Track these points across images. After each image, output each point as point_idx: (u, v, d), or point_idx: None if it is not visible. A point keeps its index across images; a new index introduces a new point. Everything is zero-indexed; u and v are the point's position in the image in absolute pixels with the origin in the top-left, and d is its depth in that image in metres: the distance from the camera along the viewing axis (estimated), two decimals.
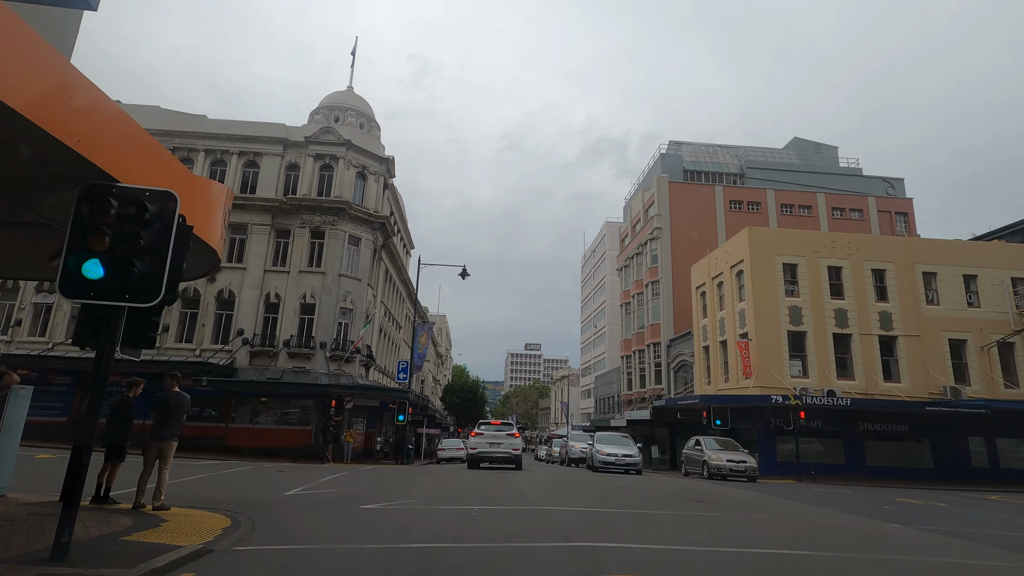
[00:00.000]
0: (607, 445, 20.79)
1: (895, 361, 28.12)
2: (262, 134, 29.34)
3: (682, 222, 42.63)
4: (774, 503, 10.79)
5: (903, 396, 26.59)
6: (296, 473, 14.08)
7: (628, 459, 19.93)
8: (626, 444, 21.40)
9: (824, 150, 50.22)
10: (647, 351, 42.79)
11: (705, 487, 13.95)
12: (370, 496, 9.48)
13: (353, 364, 28.07)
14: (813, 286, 28.62)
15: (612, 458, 19.75)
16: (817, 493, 15.21)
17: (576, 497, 10.36)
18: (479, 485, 12.26)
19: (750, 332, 28.17)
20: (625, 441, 21.88)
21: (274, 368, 26.40)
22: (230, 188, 7.24)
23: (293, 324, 27.02)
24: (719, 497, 11.15)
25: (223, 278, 27.55)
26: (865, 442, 27.50)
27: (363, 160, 29.96)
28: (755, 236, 29.54)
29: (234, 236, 28.45)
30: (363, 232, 29.40)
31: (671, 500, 10.55)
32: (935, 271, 29.29)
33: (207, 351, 26.24)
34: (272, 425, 26.37)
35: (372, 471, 16.21)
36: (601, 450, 20.26)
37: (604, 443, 21.20)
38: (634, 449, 20.93)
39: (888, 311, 28.54)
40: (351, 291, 28.33)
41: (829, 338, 28.01)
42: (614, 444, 21.05)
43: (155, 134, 26.88)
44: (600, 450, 20.30)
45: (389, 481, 12.62)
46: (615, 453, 19.95)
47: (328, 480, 12.29)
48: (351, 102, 31.31)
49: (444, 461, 34.24)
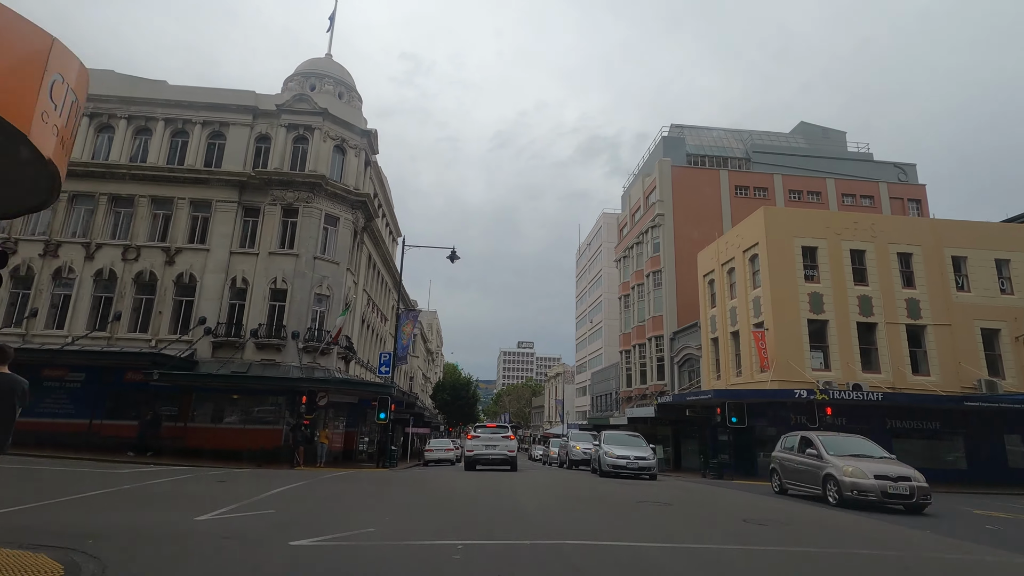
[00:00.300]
0: (617, 446, 18.17)
1: (924, 352, 25.79)
2: (229, 102, 26.46)
3: (685, 208, 40.18)
4: (869, 527, 8.18)
5: (937, 390, 24.24)
6: (241, 484, 11.36)
7: (641, 462, 17.35)
8: (638, 445, 18.80)
9: (832, 135, 48.02)
10: (648, 345, 40.34)
11: (765, 504, 11.13)
12: (314, 523, 6.81)
13: (330, 357, 25.30)
14: (835, 271, 26.22)
15: (624, 461, 17.15)
16: None
17: (596, 519, 7.74)
18: (468, 499, 9.62)
19: (766, 321, 25.72)
20: (636, 441, 19.27)
21: (240, 361, 23.58)
22: (82, 65, 4.16)
23: (262, 312, 24.20)
24: (789, 519, 8.54)
25: (183, 260, 24.67)
26: (893, 441, 25.12)
27: (342, 132, 27.15)
28: (771, 216, 27.10)
29: (196, 214, 25.59)
30: (341, 211, 26.59)
31: (724, 522, 7.98)
32: (965, 255, 27.01)
33: (164, 341, 23.36)
34: (238, 424, 23.55)
35: (342, 479, 13.50)
36: (610, 452, 17.64)
37: (613, 443, 18.57)
38: (647, 450, 18.33)
39: (916, 298, 26.21)
40: (328, 276, 25.54)
41: (853, 327, 25.63)
42: (625, 445, 18.43)
43: (109, 101, 23.96)
44: (609, 452, 17.68)
45: (354, 494, 9.93)
46: (627, 455, 17.34)
47: (275, 494, 9.59)
48: (329, 69, 28.45)
49: (432, 463, 31.57)
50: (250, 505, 8.18)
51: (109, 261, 24.38)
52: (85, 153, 25.66)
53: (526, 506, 8.90)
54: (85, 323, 23.72)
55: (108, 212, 25.14)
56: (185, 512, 7.47)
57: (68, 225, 24.95)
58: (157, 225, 25.39)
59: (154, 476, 12.46)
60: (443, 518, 7.43)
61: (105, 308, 24.21)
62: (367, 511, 7.98)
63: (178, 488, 10.37)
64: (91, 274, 24.24)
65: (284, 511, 7.68)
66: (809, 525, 7.80)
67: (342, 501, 8.88)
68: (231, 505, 8.11)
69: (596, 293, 70.29)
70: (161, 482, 11.13)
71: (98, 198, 25.07)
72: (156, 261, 24.54)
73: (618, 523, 7.56)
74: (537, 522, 7.34)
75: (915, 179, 44.49)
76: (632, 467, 17.10)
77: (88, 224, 24.92)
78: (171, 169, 25.42)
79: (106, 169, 25.08)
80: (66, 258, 24.25)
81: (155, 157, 25.75)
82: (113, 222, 25.24)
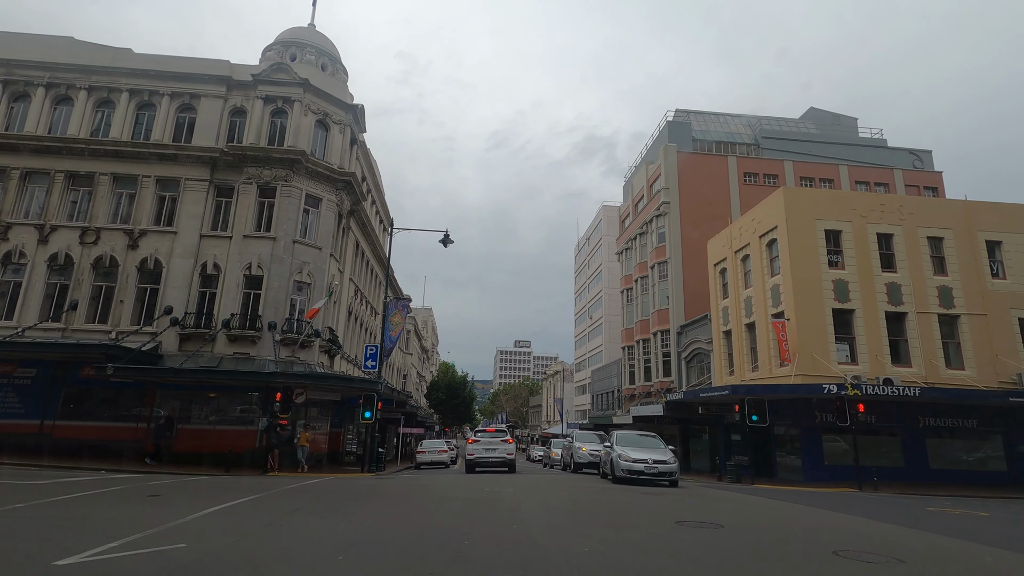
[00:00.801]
0: (632, 448, 15.92)
1: (957, 344, 23.75)
2: (201, 71, 24.13)
3: (692, 196, 38.06)
4: (958, 551, 6.02)
5: (978, 385, 22.20)
6: (176, 500, 9.12)
7: (661, 466, 15.12)
8: (655, 446, 16.52)
9: (843, 121, 46.01)
10: (653, 340, 38.21)
11: (835, 522, 8.99)
12: (223, 572, 4.59)
13: (311, 350, 23.04)
14: (860, 256, 24.16)
15: (641, 465, 14.90)
16: (957, 518, 10.54)
17: (633, 558, 5.53)
18: (454, 523, 7.43)
19: (787, 310, 23.62)
20: (653, 442, 16.99)
21: (210, 354, 21.29)
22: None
23: (235, 301, 21.91)
24: (905, 554, 6.36)
25: (147, 244, 22.35)
26: (927, 440, 23.11)
27: (324, 106, 24.87)
28: (791, 198, 25.00)
29: (163, 194, 23.27)
30: (324, 191, 24.32)
31: (806, 557, 5.83)
32: (1000, 239, 25.00)
33: (125, 333, 21.04)
34: (207, 425, 21.28)
35: (308, 491, 11.25)
36: (625, 455, 15.37)
37: (628, 445, 16.30)
38: (667, 453, 16.06)
39: (948, 286, 24.18)
40: (308, 262, 23.27)
41: (881, 317, 23.57)
42: (641, 447, 16.16)
43: (68, 70, 21.45)
44: (624, 454, 15.40)
45: (307, 517, 7.69)
46: (645, 459, 15.11)
47: (206, 516, 7.36)
48: (311, 38, 26.14)
49: (424, 466, 29.34)
50: (159, 536, 5.96)
51: (65, 245, 22.03)
52: (40, 127, 23.32)
53: (536, 537, 6.71)
54: (37, 313, 21.38)
55: (65, 191, 22.79)
56: (60, 546, 5.29)
57: (20, 205, 22.57)
58: (119, 206, 23.05)
59: (73, 488, 10.22)
60: (418, 560, 5.22)
61: (60, 296, 21.87)
62: (315, 544, 5.76)
63: (85, 507, 8.13)
64: (45, 259, 21.89)
65: (196, 547, 5.46)
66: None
67: (286, 530, 6.66)
68: (133, 535, 5.90)
69: (596, 288, 68.17)
70: (71, 498, 8.88)
71: (53, 176, 22.72)
72: (117, 245, 22.21)
73: (667, 562, 5.38)
74: (555, 563, 5.17)
75: (931, 166, 42.55)
76: (651, 472, 14.88)
77: (42, 204, 22.56)
78: (136, 144, 23.09)
79: (63, 144, 22.73)
80: (16, 241, 21.89)
81: (118, 131, 23.40)
82: (70, 202, 22.89)
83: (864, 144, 43.86)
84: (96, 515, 7.38)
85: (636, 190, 44.82)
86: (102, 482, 11.77)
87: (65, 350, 19.28)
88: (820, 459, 22.34)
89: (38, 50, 24.02)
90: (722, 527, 7.45)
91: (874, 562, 5.49)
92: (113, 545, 5.42)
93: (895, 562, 5.56)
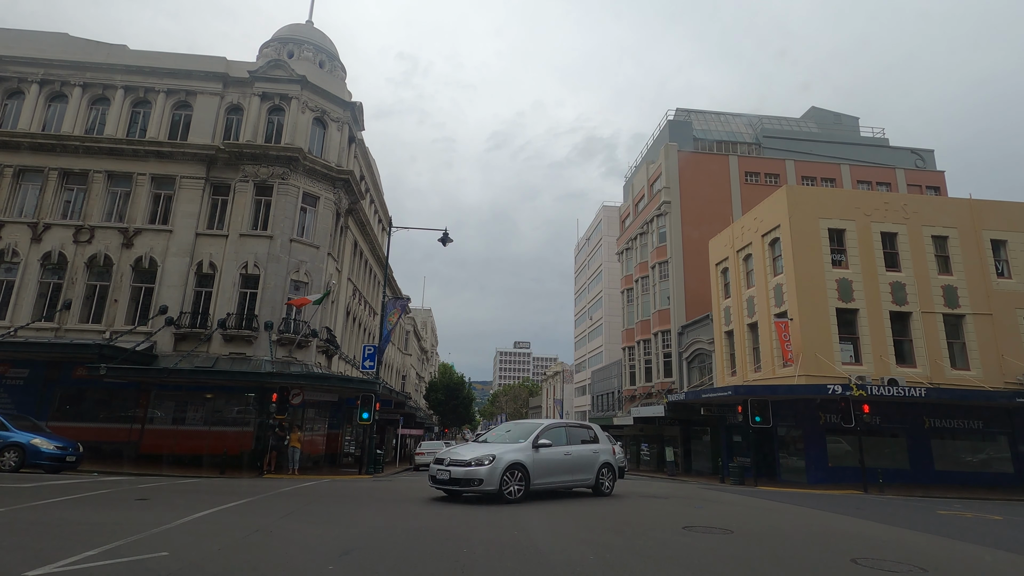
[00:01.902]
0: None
1: (962, 344, 23.47)
2: (197, 68, 23.83)
3: (693, 195, 37.80)
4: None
5: (984, 385, 21.91)
6: (164, 503, 8.81)
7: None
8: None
9: (845, 120, 45.77)
10: (654, 341, 37.91)
11: (842, 526, 8.71)
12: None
13: (308, 350, 22.72)
14: (864, 255, 23.89)
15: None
16: (981, 524, 10.25)
17: (653, 571, 5.21)
18: (452, 528, 7.14)
19: (790, 310, 23.33)
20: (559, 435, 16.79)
21: (206, 354, 20.98)
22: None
23: (231, 300, 21.59)
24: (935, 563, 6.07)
25: (142, 243, 22.03)
26: (932, 441, 22.83)
27: (322, 103, 24.57)
28: (794, 196, 24.72)
29: (158, 192, 22.96)
30: (322, 189, 24.01)
31: (824, 567, 5.54)
32: (1004, 238, 24.75)
33: (119, 333, 20.73)
34: (203, 426, 20.96)
35: (301, 494, 10.93)
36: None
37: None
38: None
39: (953, 285, 23.91)
40: (306, 260, 22.96)
41: (885, 317, 23.29)
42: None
43: (62, 67, 21.13)
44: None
45: (299, 523, 7.37)
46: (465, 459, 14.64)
47: (192, 522, 7.05)
48: (309, 35, 25.85)
49: (423, 468, 29.00)
50: (141, 543, 5.66)
51: (59, 243, 21.72)
52: (34, 124, 23.01)
53: (536, 538, 6.41)
54: (30, 312, 21.05)
55: (59, 189, 22.47)
56: (34, 555, 4.99)
57: (13, 203, 22.25)
58: (114, 204, 22.73)
59: (62, 491, 9.91)
60: (412, 572, 4.93)
61: (54, 295, 21.55)
62: (302, 555, 5.46)
63: (69, 511, 7.82)
64: (38, 258, 21.57)
65: (179, 555, 5.16)
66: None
67: (276, 537, 6.36)
68: (114, 543, 5.60)
69: (596, 289, 67.86)
70: (56, 502, 8.57)
71: (47, 173, 22.40)
72: (112, 243, 21.89)
73: (679, 572, 5.08)
74: (559, 573, 4.87)
75: (933, 165, 42.32)
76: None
77: (36, 202, 22.24)
78: (131, 142, 22.77)
79: (57, 141, 22.42)
80: (9, 240, 21.57)
81: (113, 129, 23.09)
82: (64, 200, 22.56)
83: (866, 143, 43.64)
84: (79, 520, 7.07)
85: (636, 190, 44.55)
86: (92, 485, 11.46)
87: (58, 350, 18.96)
88: (824, 461, 22.05)
89: (32, 46, 23.73)
90: (731, 532, 7.15)
91: (896, 571, 5.19)
92: (91, 553, 5.12)
93: (918, 571, 5.27)
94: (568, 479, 10.88)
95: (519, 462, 9.81)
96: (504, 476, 9.58)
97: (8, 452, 14.33)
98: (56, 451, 14.91)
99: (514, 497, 9.67)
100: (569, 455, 10.88)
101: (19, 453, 14.39)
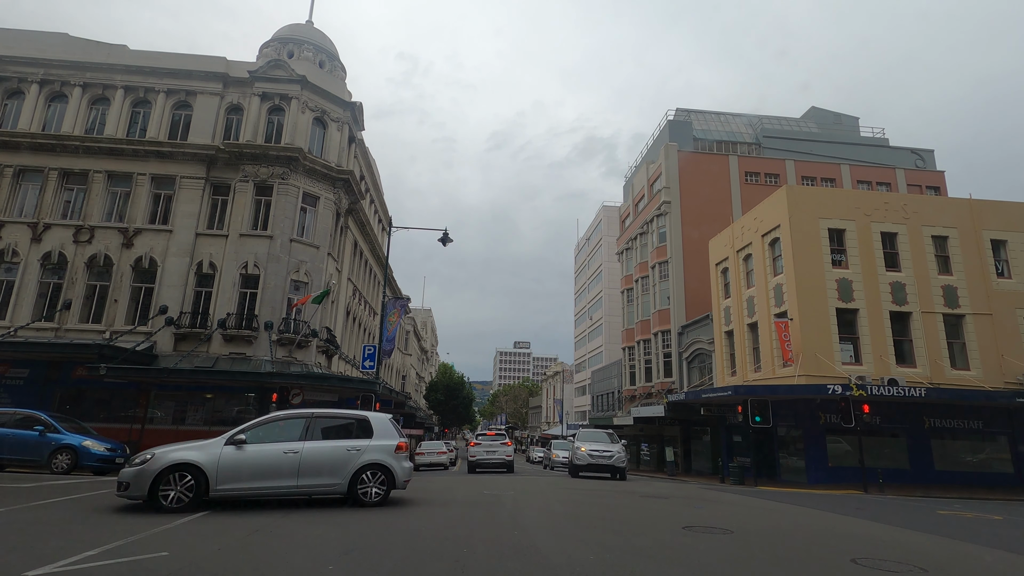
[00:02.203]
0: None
1: (962, 344, 23.46)
2: (197, 68, 23.84)
3: (693, 195, 37.81)
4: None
5: (984, 385, 21.91)
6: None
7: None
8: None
9: (844, 120, 45.77)
10: (654, 341, 37.92)
11: (847, 528, 8.65)
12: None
13: (308, 350, 22.73)
14: (864, 255, 23.89)
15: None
16: (987, 524, 10.24)
17: (654, 571, 5.21)
18: (452, 529, 7.13)
19: (791, 310, 23.33)
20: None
21: (206, 354, 20.99)
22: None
23: (231, 300, 21.60)
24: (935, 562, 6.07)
25: (142, 243, 22.04)
26: (931, 441, 22.83)
27: (322, 103, 24.58)
28: (794, 196, 24.72)
29: (158, 192, 22.96)
30: (322, 189, 24.02)
31: (823, 566, 5.53)
32: (1004, 238, 24.75)
33: (119, 333, 20.73)
34: (203, 426, 20.91)
35: None
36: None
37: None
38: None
39: (953, 285, 23.91)
40: (306, 260, 22.97)
41: (885, 317, 23.29)
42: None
43: (62, 66, 21.14)
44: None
45: (300, 523, 7.37)
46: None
47: (190, 522, 7.06)
48: (309, 35, 25.86)
49: (423, 468, 29.02)
50: (141, 543, 5.66)
51: (59, 243, 21.72)
52: (34, 124, 23.02)
53: (537, 539, 6.40)
54: (31, 312, 21.06)
55: (58, 189, 22.47)
56: (35, 554, 4.99)
57: (13, 203, 22.25)
58: (114, 204, 22.74)
59: (63, 491, 9.91)
60: (412, 572, 4.93)
61: (54, 295, 21.55)
62: (302, 554, 5.46)
63: (70, 511, 7.82)
64: (38, 258, 21.57)
65: (178, 555, 5.16)
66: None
67: (276, 537, 6.37)
68: (115, 542, 5.60)
69: (596, 289, 67.88)
70: (57, 502, 8.57)
71: (47, 173, 22.41)
72: (112, 243, 21.90)
73: (680, 573, 5.08)
74: (560, 574, 4.87)
75: (933, 165, 42.32)
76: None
77: (36, 202, 22.25)
78: (131, 142, 22.78)
79: (57, 141, 22.42)
80: (9, 240, 21.58)
81: (113, 129, 23.10)
82: (64, 200, 22.57)
83: (866, 143, 43.64)
84: (81, 520, 7.08)
85: (636, 190, 44.56)
86: (93, 484, 11.47)
87: (58, 350, 18.97)
88: (824, 460, 22.06)
89: (32, 46, 23.73)
90: (731, 532, 7.15)
91: (896, 571, 5.20)
92: (91, 553, 5.12)
93: (918, 571, 5.27)
94: (290, 484, 8.43)
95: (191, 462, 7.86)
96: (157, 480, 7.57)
97: (61, 454, 13.93)
98: (107, 453, 14.52)
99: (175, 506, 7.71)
100: (295, 453, 8.47)
101: (72, 455, 13.97)
